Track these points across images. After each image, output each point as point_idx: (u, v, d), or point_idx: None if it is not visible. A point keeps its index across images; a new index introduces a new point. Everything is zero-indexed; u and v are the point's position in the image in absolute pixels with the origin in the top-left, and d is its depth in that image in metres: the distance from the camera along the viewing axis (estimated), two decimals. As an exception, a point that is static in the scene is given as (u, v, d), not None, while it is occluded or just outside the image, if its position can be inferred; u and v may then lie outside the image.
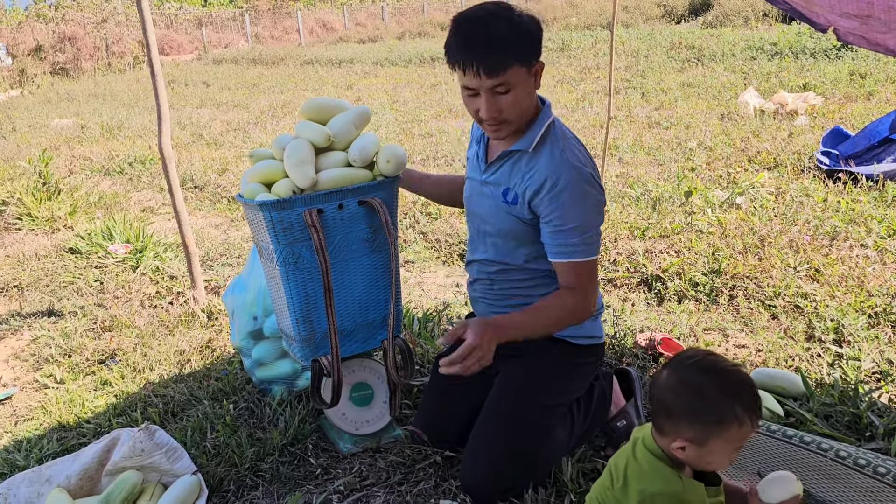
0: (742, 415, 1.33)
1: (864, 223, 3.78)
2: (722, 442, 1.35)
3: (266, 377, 2.56)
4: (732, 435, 1.34)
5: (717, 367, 1.39)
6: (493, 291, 2.12)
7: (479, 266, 2.14)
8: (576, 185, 1.83)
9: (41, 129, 9.31)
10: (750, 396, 1.36)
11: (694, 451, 1.37)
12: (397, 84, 11.38)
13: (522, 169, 1.92)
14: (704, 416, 1.34)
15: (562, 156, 1.86)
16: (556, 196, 1.83)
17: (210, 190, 5.82)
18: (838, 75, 8.29)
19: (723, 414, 1.33)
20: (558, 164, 1.85)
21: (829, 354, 2.64)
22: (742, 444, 1.38)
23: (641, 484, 1.42)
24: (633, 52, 11.52)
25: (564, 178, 1.83)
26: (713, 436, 1.35)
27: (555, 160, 1.86)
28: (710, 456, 1.37)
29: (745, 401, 1.34)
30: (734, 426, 1.33)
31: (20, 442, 2.47)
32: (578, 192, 1.83)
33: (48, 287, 3.90)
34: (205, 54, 19.02)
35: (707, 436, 1.35)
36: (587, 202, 1.85)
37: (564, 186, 1.82)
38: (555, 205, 1.84)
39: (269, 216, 1.99)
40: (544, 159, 1.87)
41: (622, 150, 6.03)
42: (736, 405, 1.33)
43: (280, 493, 2.10)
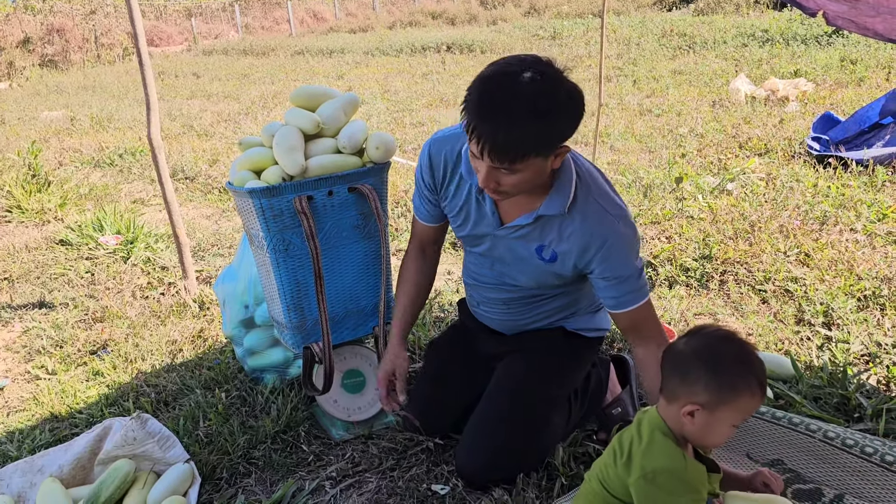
0: (755, 386, 1.37)
1: (853, 208, 3.80)
2: (731, 411, 1.38)
3: (258, 365, 2.56)
4: (742, 404, 1.38)
5: (737, 339, 1.43)
6: (508, 313, 2.04)
7: (486, 292, 2.04)
8: (622, 237, 1.72)
9: (30, 121, 9.24)
10: (762, 372, 1.40)
11: (703, 417, 1.39)
12: (388, 74, 11.34)
13: (557, 229, 1.77)
14: (721, 380, 1.37)
15: (602, 212, 1.72)
16: (607, 256, 1.73)
17: (201, 181, 5.79)
18: (829, 61, 8.31)
19: (739, 380, 1.36)
20: (600, 222, 1.72)
21: (818, 337, 2.66)
22: (744, 419, 1.41)
23: (644, 460, 1.43)
24: (625, 40, 11.50)
25: (612, 236, 1.71)
26: (725, 402, 1.37)
27: (596, 218, 1.72)
28: (716, 425, 1.39)
29: (759, 374, 1.39)
30: (746, 395, 1.37)
31: (12, 432, 2.47)
32: (626, 243, 1.73)
33: (39, 279, 3.89)
34: (195, 45, 18.89)
35: (719, 401, 1.37)
36: (634, 247, 1.76)
37: (613, 244, 1.72)
38: (606, 263, 1.74)
39: (259, 203, 1.99)
40: (583, 219, 1.73)
41: (613, 137, 6.03)
42: (751, 375, 1.37)
43: (273, 479, 2.10)
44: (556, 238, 1.78)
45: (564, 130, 1.55)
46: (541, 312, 2.01)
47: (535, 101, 1.46)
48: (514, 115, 1.46)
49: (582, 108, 1.55)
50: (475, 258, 2.01)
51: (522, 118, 1.46)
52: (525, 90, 1.46)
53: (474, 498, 1.93)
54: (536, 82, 1.47)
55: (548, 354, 2.02)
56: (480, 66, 1.65)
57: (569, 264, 1.80)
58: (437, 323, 2.99)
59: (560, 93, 1.50)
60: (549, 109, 1.48)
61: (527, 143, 1.50)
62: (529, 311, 2.01)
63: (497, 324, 2.09)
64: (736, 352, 1.40)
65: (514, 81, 1.47)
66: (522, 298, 1.98)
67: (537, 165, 1.57)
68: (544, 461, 1.99)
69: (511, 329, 2.07)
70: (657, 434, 1.44)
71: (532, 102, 1.46)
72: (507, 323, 2.06)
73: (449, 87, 9.51)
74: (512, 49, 12.11)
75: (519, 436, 1.94)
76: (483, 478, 1.95)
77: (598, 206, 1.73)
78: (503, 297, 2.00)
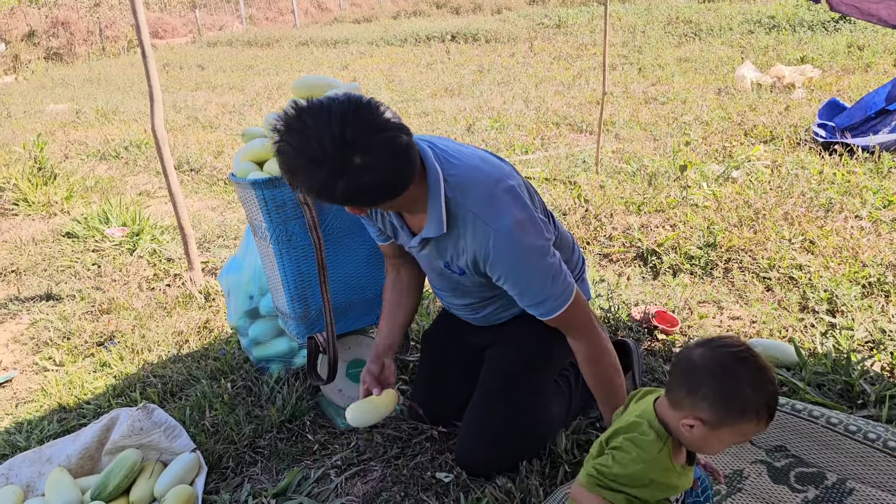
0: (763, 414, 1.33)
1: (859, 194, 3.78)
2: (732, 432, 1.35)
3: (263, 356, 2.58)
4: (745, 428, 1.34)
5: (755, 362, 1.36)
6: (476, 313, 2.01)
7: (450, 299, 2.01)
8: (508, 250, 1.63)
9: (36, 114, 9.27)
10: (774, 399, 1.35)
11: (702, 431, 1.35)
12: (393, 64, 11.31)
13: (453, 246, 1.72)
14: (730, 403, 1.32)
15: (480, 225, 1.63)
16: (494, 267, 1.66)
17: (206, 172, 5.81)
18: (836, 48, 8.24)
19: (748, 407, 1.32)
20: (481, 236, 1.63)
21: (822, 324, 2.66)
22: (744, 441, 1.41)
23: (622, 423, 1.44)
24: (630, 28, 11.42)
25: (493, 250, 1.63)
26: (728, 424, 1.34)
27: (476, 233, 1.64)
28: (713, 440, 1.37)
29: (771, 402, 1.34)
30: (752, 422, 1.33)
31: (21, 423, 2.49)
32: (516, 254, 1.64)
33: (46, 271, 3.92)
34: (199, 37, 18.87)
35: (723, 422, 1.34)
36: (530, 256, 1.65)
37: (498, 257, 1.63)
38: (498, 272, 1.67)
39: (262, 194, 1.99)
40: (466, 234, 1.66)
41: (618, 125, 6.01)
42: (762, 403, 1.32)
43: (278, 468, 2.12)
44: (455, 254, 1.73)
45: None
46: (509, 304, 1.93)
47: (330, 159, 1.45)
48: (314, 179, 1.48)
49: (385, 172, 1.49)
50: (424, 268, 1.99)
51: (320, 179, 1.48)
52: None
53: (478, 485, 1.94)
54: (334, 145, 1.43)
55: (535, 338, 1.95)
56: (485, 56, 1.65)
57: (474, 274, 1.75)
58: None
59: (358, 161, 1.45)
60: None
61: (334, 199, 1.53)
62: (495, 308, 1.97)
63: (475, 321, 2.06)
64: (751, 376, 1.34)
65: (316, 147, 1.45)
66: (481, 301, 1.95)
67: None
68: (545, 448, 2.00)
69: (487, 322, 2.04)
70: (644, 426, 1.41)
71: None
72: (482, 319, 2.03)
73: (453, 76, 9.48)
74: (516, 38, 12.06)
75: (514, 422, 1.95)
76: (483, 467, 1.97)
77: (475, 218, 1.64)
78: (465, 303, 1.98)
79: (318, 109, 1.44)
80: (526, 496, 1.86)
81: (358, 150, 1.42)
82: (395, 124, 1.48)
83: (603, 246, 3.59)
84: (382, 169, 1.47)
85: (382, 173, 1.48)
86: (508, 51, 11.01)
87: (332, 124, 1.41)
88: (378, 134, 1.45)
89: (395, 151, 1.48)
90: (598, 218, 3.85)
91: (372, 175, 1.46)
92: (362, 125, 1.43)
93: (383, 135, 1.46)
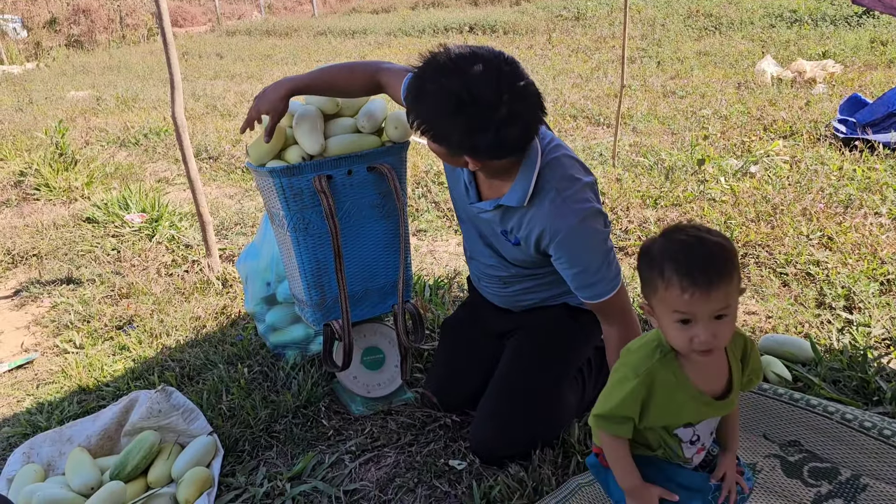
0: (669, 275, 1.21)
1: (879, 191, 3.75)
2: (660, 305, 1.25)
3: (280, 342, 2.60)
4: (661, 297, 1.23)
5: (679, 231, 1.27)
6: (506, 287, 2.05)
7: (484, 268, 2.06)
8: (578, 233, 1.70)
9: (57, 101, 9.36)
10: (686, 256, 1.21)
11: (653, 315, 1.28)
12: (411, 55, 11.28)
13: (518, 217, 1.79)
14: (645, 275, 1.27)
15: (562, 205, 1.70)
16: (561, 245, 1.72)
17: (224, 160, 5.85)
18: (859, 42, 8.13)
19: (653, 272, 1.24)
20: (558, 215, 1.70)
21: (839, 321, 2.65)
22: (690, 323, 1.22)
23: (624, 357, 1.38)
24: (650, 21, 11.33)
25: (565, 230, 1.70)
26: (652, 298, 1.26)
27: (554, 211, 1.70)
28: (661, 324, 1.27)
29: (680, 261, 1.21)
30: (661, 286, 1.22)
31: (42, 404, 2.54)
32: (583, 238, 1.71)
33: (66, 255, 3.97)
34: (218, 26, 18.92)
35: (650, 299, 1.27)
36: (595, 240, 1.72)
37: (566, 238, 1.70)
38: (562, 251, 1.73)
39: (280, 183, 2.01)
40: (542, 209, 1.73)
41: (636, 119, 5.98)
42: (666, 263, 1.21)
43: (293, 453, 2.15)
44: (517, 225, 1.80)
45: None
46: (538, 286, 2.01)
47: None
48: None
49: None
50: (467, 230, 2.05)
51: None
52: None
53: (491, 473, 1.96)
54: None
55: (555, 331, 2.03)
56: (503, 47, 1.68)
57: (531, 249, 1.80)
58: (457, 302, 3.01)
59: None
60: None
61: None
62: (527, 286, 2.01)
63: (499, 299, 2.11)
64: (665, 245, 1.25)
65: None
66: (517, 275, 1.99)
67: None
68: (559, 438, 2.01)
69: (513, 304, 2.09)
70: (651, 340, 1.35)
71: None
72: (507, 298, 2.08)
73: (471, 67, 9.45)
74: (535, 30, 12.00)
75: (531, 412, 1.97)
76: (498, 455, 1.98)
77: (559, 198, 1.70)
78: (498, 275, 2.02)
79: (471, 58, 1.53)
80: (538, 485, 1.88)
81: (509, 102, 1.52)
82: (534, 85, 1.58)
83: (619, 239, 3.59)
84: (527, 124, 1.59)
85: (525, 128, 1.59)
86: (527, 43, 10.97)
87: (488, 73, 1.50)
88: (526, 90, 1.55)
89: (539, 108, 1.60)
90: (615, 211, 3.85)
91: (517, 128, 1.56)
92: (514, 78, 1.54)
93: (530, 91, 1.56)
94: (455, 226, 4.07)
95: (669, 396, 1.31)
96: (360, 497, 1.95)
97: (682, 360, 1.31)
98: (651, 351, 1.32)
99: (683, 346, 1.25)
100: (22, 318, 3.35)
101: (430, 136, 1.64)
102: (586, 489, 1.84)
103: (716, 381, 1.34)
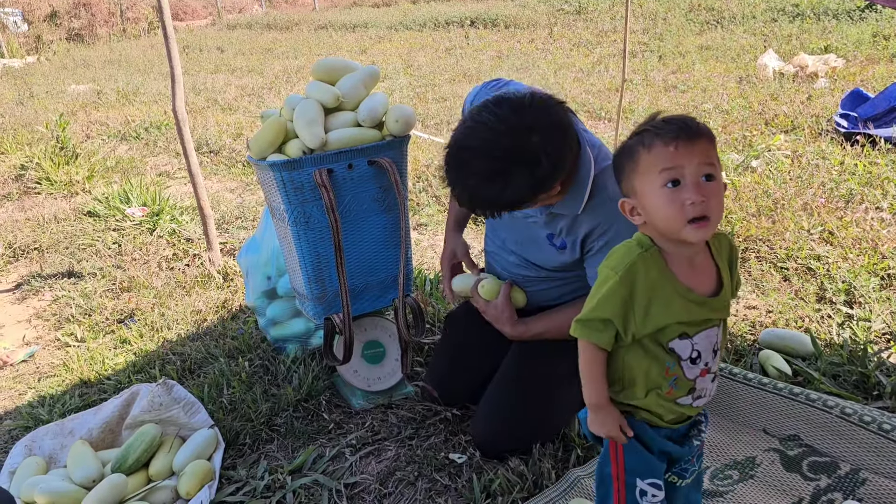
0: (651, 138, 1.17)
1: (880, 186, 3.74)
2: (643, 178, 1.18)
3: (280, 336, 2.61)
4: (646, 162, 1.17)
5: (654, 117, 1.22)
6: (530, 289, 2.04)
7: (509, 266, 2.05)
8: (626, 233, 1.66)
9: (58, 94, 9.35)
10: (661, 121, 1.18)
11: (637, 204, 1.22)
12: (412, 48, 11.28)
13: (563, 222, 1.80)
14: (623, 159, 1.21)
15: (615, 211, 1.64)
16: (606, 241, 1.74)
17: (225, 154, 5.85)
18: (861, 37, 8.11)
19: (633, 150, 1.19)
20: (612, 216, 1.65)
21: (839, 315, 2.65)
22: (679, 182, 1.16)
23: (605, 260, 1.28)
24: (651, 15, 11.31)
25: (615, 227, 1.71)
26: (635, 176, 1.19)
27: (608, 213, 1.69)
28: (648, 204, 1.19)
29: (654, 125, 1.18)
30: (643, 152, 1.18)
31: (44, 397, 2.55)
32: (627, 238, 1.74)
33: (68, 249, 3.97)
34: (219, 20, 18.89)
35: (632, 180, 1.20)
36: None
37: (615, 235, 1.70)
38: (602, 245, 1.75)
39: (280, 176, 2.01)
40: (594, 213, 1.74)
41: (637, 113, 5.97)
42: (646, 133, 1.18)
43: (294, 446, 2.15)
44: (566, 228, 1.80)
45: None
46: (558, 289, 1.99)
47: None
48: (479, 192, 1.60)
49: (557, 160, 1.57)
50: (497, 230, 2.04)
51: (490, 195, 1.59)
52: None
53: (491, 467, 1.96)
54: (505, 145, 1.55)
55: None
56: (504, 42, 1.68)
57: (577, 250, 1.81)
58: (457, 297, 3.01)
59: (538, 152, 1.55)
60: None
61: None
62: (547, 287, 2.01)
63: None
64: (639, 126, 1.20)
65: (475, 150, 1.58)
66: (545, 279, 1.99)
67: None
68: (560, 432, 2.02)
69: (531, 305, 2.08)
70: (631, 240, 1.28)
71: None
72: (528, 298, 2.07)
73: (472, 62, 9.44)
74: (536, 24, 11.98)
75: (534, 407, 1.97)
76: (499, 447, 1.99)
77: (613, 206, 1.71)
78: (525, 274, 2.01)
79: (493, 122, 1.54)
80: (538, 478, 1.88)
81: (547, 151, 1.53)
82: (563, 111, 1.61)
83: (619, 233, 3.58)
84: (571, 152, 1.63)
85: (572, 156, 1.64)
86: (528, 37, 10.94)
87: (518, 128, 1.52)
88: (556, 125, 1.58)
89: (570, 137, 1.62)
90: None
91: (565, 162, 1.60)
92: (542, 120, 1.55)
93: (562, 125, 1.59)
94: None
95: (654, 293, 1.22)
96: (360, 490, 1.95)
97: (666, 257, 1.23)
98: (630, 248, 1.25)
99: (675, 215, 1.16)
100: (23, 312, 3.36)
101: (503, 209, 1.63)
102: (586, 481, 1.85)
103: (703, 279, 1.27)
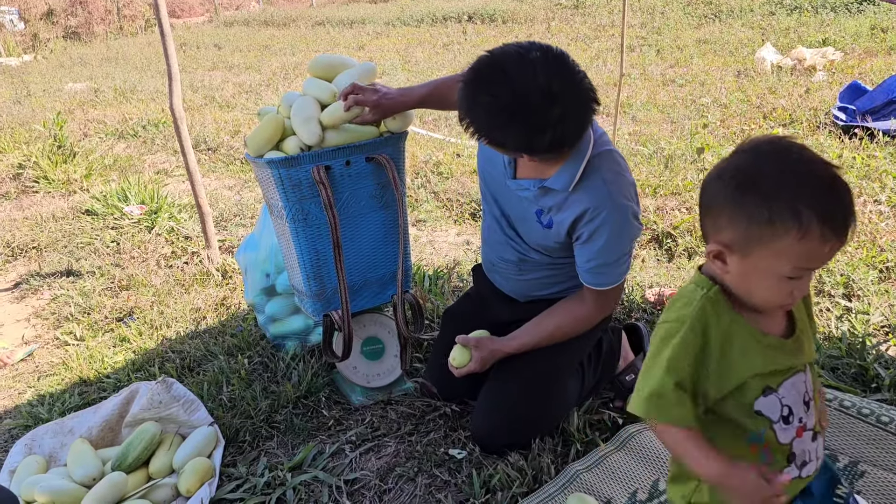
0: (808, 218, 0.90)
1: (878, 179, 3.74)
2: (770, 256, 0.95)
3: (279, 333, 2.61)
4: (787, 248, 0.93)
5: (792, 149, 0.95)
6: (520, 275, 2.05)
7: (501, 251, 2.05)
8: (618, 219, 1.73)
9: (55, 93, 9.34)
10: (827, 196, 0.91)
11: (736, 263, 0.99)
12: (409, 44, 11.26)
13: (558, 200, 1.79)
14: (751, 209, 0.94)
15: (607, 194, 1.71)
16: (597, 226, 1.74)
17: (223, 152, 5.84)
18: (859, 30, 8.10)
19: (777, 208, 0.91)
20: (602, 198, 1.71)
21: (838, 308, 2.65)
22: (804, 269, 0.95)
23: (663, 315, 1.08)
24: (649, 9, 11.29)
25: (605, 211, 1.71)
26: (759, 242, 0.95)
27: (599, 195, 1.71)
28: (755, 274, 0.98)
29: (818, 199, 0.91)
30: (792, 232, 0.91)
31: (43, 396, 2.55)
32: (620, 225, 1.74)
33: (66, 248, 3.97)
34: (216, 16, 18.85)
35: (750, 240, 0.95)
36: (626, 234, 1.77)
37: (605, 219, 1.72)
38: (594, 232, 1.75)
39: (278, 174, 2.01)
40: (585, 194, 1.73)
41: (635, 107, 5.97)
42: (800, 200, 0.90)
43: (294, 443, 2.16)
44: (556, 208, 1.80)
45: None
46: (551, 277, 2.01)
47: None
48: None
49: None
50: (490, 209, 2.04)
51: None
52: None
53: (490, 462, 1.97)
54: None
55: None
56: (502, 37, 1.69)
57: (563, 232, 1.82)
58: (456, 292, 3.01)
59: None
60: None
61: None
62: (540, 275, 2.01)
63: (509, 288, 2.11)
64: (784, 167, 0.93)
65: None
66: (534, 262, 1.99)
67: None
68: (559, 427, 2.02)
69: (522, 294, 2.09)
70: (688, 285, 1.08)
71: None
72: (518, 286, 2.08)
73: (470, 57, 9.42)
74: (534, 19, 11.96)
75: (532, 402, 1.97)
76: (498, 443, 1.99)
77: (605, 188, 1.72)
78: (515, 259, 2.02)
79: (518, 60, 1.55)
80: (538, 473, 1.89)
81: (562, 102, 1.54)
82: (586, 79, 1.60)
83: (618, 228, 3.58)
84: (581, 121, 1.61)
85: (579, 125, 1.61)
86: (526, 32, 10.92)
87: (536, 75, 1.52)
88: (578, 86, 1.58)
89: (592, 101, 1.61)
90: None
91: (571, 125, 1.59)
92: (564, 75, 1.56)
93: (582, 87, 1.58)
94: (455, 216, 4.07)
95: (727, 341, 1.02)
96: (360, 486, 1.96)
97: (730, 300, 1.05)
98: (691, 292, 1.05)
99: (776, 300, 1.00)
100: (22, 311, 3.36)
101: (486, 142, 1.67)
102: (584, 476, 1.85)
103: (772, 318, 1.08)
